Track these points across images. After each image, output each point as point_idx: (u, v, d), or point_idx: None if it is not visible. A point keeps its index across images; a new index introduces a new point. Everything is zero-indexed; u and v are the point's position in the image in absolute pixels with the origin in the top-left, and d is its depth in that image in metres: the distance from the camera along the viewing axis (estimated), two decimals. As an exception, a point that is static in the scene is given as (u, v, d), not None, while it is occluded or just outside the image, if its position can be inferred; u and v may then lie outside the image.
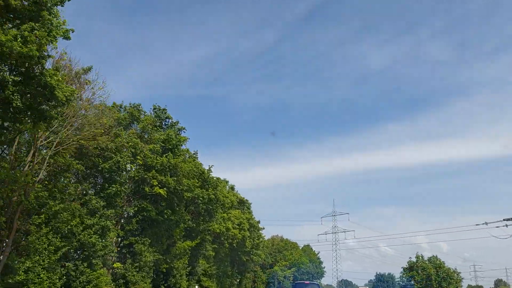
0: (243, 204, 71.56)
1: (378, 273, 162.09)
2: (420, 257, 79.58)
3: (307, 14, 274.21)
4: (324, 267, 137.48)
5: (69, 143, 25.73)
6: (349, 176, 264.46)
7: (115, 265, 33.64)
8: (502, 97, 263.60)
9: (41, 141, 24.50)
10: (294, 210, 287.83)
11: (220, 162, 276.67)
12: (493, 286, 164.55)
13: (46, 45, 17.65)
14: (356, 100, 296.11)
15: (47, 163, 24.80)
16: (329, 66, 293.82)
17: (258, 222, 76.67)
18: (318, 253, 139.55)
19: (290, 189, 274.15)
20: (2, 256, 22.79)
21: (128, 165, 35.03)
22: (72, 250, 27.48)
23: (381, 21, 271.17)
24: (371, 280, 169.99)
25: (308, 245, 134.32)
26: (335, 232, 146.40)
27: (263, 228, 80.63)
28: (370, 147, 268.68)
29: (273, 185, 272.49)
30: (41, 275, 23.75)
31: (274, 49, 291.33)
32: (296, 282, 48.71)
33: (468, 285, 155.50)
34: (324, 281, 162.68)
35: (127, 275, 33.56)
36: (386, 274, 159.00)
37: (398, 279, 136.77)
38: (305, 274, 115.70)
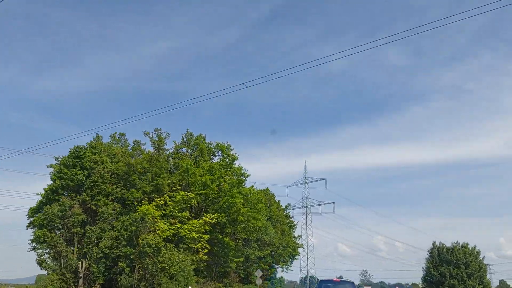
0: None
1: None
2: None
3: (271, 14, 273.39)
4: (300, 236, 79.23)
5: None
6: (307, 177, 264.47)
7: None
8: (457, 104, 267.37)
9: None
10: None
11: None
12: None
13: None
14: (316, 102, 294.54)
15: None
16: (291, 66, 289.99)
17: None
18: (286, 209, 77.68)
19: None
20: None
21: None
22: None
23: (343, 25, 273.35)
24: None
25: (267, 189, 69.22)
26: (305, 206, 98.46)
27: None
28: (329, 148, 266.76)
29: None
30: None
31: (238, 47, 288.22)
32: (321, 279, 35.28)
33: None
34: (289, 276, 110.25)
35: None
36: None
37: None
38: (248, 242, 52.20)
